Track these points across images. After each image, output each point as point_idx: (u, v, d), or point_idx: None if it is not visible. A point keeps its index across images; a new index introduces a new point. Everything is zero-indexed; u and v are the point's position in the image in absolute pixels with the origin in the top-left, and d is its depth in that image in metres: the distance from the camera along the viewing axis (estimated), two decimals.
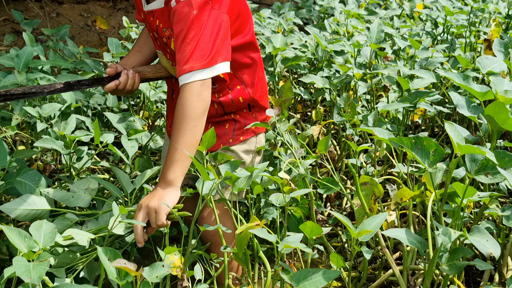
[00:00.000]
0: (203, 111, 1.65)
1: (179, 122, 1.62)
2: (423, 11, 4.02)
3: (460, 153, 1.41)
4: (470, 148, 1.37)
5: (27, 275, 1.19)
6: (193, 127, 1.62)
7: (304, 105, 3.33)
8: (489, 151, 1.35)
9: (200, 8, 1.64)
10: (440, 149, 1.45)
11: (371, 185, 1.77)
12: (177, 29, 1.66)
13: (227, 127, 1.91)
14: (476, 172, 1.45)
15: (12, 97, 1.66)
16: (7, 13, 4.38)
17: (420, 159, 1.46)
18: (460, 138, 1.44)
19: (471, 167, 1.45)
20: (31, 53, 2.34)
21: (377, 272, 1.99)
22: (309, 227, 1.49)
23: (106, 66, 3.20)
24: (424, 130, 2.96)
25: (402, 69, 2.49)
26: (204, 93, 1.65)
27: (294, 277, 1.37)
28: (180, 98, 1.64)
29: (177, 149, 1.61)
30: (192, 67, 1.63)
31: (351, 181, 2.54)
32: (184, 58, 1.64)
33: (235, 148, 1.91)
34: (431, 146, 1.46)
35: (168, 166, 1.61)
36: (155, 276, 1.34)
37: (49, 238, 1.36)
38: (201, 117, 1.64)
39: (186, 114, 1.62)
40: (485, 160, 1.44)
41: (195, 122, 1.63)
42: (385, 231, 1.44)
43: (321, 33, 3.54)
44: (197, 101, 1.63)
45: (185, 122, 1.62)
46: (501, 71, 2.08)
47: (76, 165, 2.07)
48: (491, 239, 1.39)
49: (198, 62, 1.63)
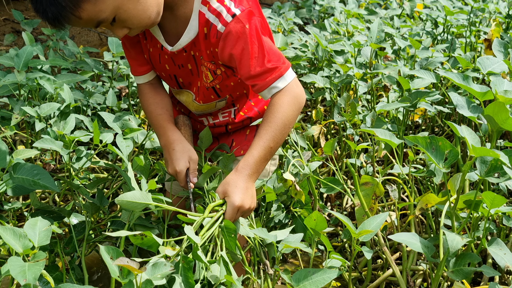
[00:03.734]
0: (299, 113, 1.67)
1: (277, 124, 1.61)
2: (423, 11, 4.01)
3: (475, 155, 1.39)
4: (485, 150, 1.36)
5: (22, 276, 1.17)
6: (288, 130, 1.63)
7: (305, 105, 3.33)
8: (502, 154, 1.35)
9: (249, 20, 1.59)
10: (454, 150, 1.44)
11: (372, 185, 1.77)
12: (237, 50, 1.60)
13: (248, 133, 1.92)
14: (486, 174, 1.44)
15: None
16: (7, 12, 4.38)
17: (435, 160, 1.45)
18: (476, 141, 1.42)
19: (481, 169, 1.45)
20: (30, 52, 2.34)
21: (378, 272, 1.99)
22: (313, 219, 1.47)
23: (106, 66, 3.21)
24: (424, 130, 2.96)
25: (402, 69, 2.49)
26: (300, 90, 1.66)
27: (294, 277, 1.37)
28: (275, 106, 1.62)
29: (271, 149, 1.61)
30: (280, 73, 1.62)
31: (352, 180, 2.54)
32: (263, 71, 1.61)
33: None
34: (446, 147, 1.45)
35: (261, 162, 1.59)
36: (158, 275, 1.34)
37: (45, 236, 1.35)
38: (295, 119, 1.66)
39: (285, 118, 1.61)
40: (494, 161, 1.43)
41: (291, 125, 1.64)
42: (393, 236, 1.44)
43: (321, 33, 3.54)
44: (294, 104, 1.63)
45: (283, 126, 1.61)
46: (501, 71, 2.08)
47: (75, 165, 2.07)
48: (508, 252, 1.38)
49: (280, 66, 1.62)
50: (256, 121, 1.91)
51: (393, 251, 2.10)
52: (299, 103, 1.65)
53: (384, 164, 2.44)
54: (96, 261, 2.18)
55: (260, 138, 1.60)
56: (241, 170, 1.56)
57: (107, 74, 2.85)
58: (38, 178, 1.60)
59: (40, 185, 1.61)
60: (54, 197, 2.48)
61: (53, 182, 1.61)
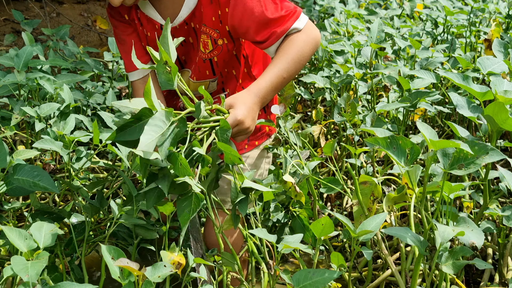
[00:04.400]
0: (313, 52, 1.70)
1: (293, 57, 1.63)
2: (423, 11, 4.01)
3: (435, 149, 1.41)
4: (444, 142, 1.38)
5: (24, 273, 1.19)
6: (301, 66, 1.65)
7: (304, 105, 3.33)
8: (462, 143, 1.36)
9: None
10: (416, 148, 1.45)
11: (370, 185, 1.77)
12: (250, 7, 1.62)
13: None
14: (450, 166, 1.44)
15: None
16: (7, 13, 4.38)
17: (396, 158, 1.46)
18: (432, 134, 1.44)
19: (445, 162, 1.45)
20: (30, 52, 2.34)
21: (378, 272, 1.99)
22: (322, 224, 1.46)
23: (106, 66, 3.21)
24: None
25: (403, 69, 2.49)
26: (316, 30, 1.69)
27: (294, 278, 1.37)
28: (292, 41, 1.64)
29: (284, 79, 1.62)
30: (297, 16, 1.65)
31: (352, 181, 2.54)
32: (280, 16, 1.63)
33: (251, 155, 1.90)
34: (407, 145, 1.46)
35: (272, 89, 1.60)
36: (158, 276, 1.34)
37: (50, 238, 1.35)
38: (310, 57, 1.69)
39: (301, 53, 1.64)
40: (456, 153, 1.43)
41: (305, 62, 1.66)
42: (385, 229, 1.44)
43: (321, 33, 3.54)
44: (311, 43, 1.66)
45: (298, 61, 1.63)
46: (501, 71, 2.07)
47: (75, 165, 2.07)
48: (475, 228, 1.38)
49: (294, 10, 1.65)
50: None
51: (392, 251, 2.10)
52: (316, 42, 1.68)
53: (384, 164, 2.44)
54: (96, 261, 2.18)
55: (274, 66, 1.61)
56: (252, 90, 1.57)
57: (107, 74, 2.85)
58: (38, 180, 1.61)
59: (40, 186, 1.61)
60: (54, 198, 2.48)
61: (53, 183, 1.61)
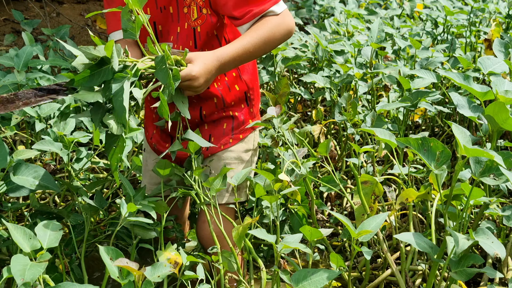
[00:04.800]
0: (284, 40, 1.72)
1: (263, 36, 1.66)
2: (423, 11, 4.01)
3: (467, 155, 1.39)
4: (477, 151, 1.36)
5: (20, 275, 1.18)
6: (268, 48, 1.69)
7: (304, 105, 3.33)
8: (496, 154, 1.34)
9: None
10: (446, 151, 1.44)
11: (371, 184, 1.76)
12: None
13: (225, 126, 1.89)
14: (481, 174, 1.44)
15: None
16: (7, 13, 4.38)
17: (427, 161, 1.45)
18: (467, 140, 1.42)
19: (476, 169, 1.45)
20: (30, 52, 2.34)
21: (378, 272, 1.99)
22: (308, 230, 1.49)
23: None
24: (425, 130, 2.95)
25: (403, 69, 2.49)
26: (292, 19, 1.72)
27: (293, 277, 1.37)
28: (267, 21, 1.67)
29: (249, 53, 1.66)
30: (276, 1, 1.68)
31: (352, 180, 2.54)
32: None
33: (235, 149, 1.90)
34: (437, 148, 1.45)
35: (235, 58, 1.64)
36: (157, 276, 1.34)
37: (54, 238, 1.35)
38: (279, 43, 1.71)
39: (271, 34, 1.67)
40: (489, 161, 1.43)
41: (273, 45, 1.69)
42: (398, 235, 1.43)
43: (321, 33, 3.54)
44: (284, 30, 1.70)
45: (267, 40, 1.67)
46: (502, 71, 2.07)
47: (75, 166, 2.07)
48: (495, 240, 1.38)
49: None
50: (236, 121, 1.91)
51: (392, 251, 2.09)
52: (289, 29, 1.72)
53: (384, 164, 2.44)
54: (95, 261, 2.18)
55: (244, 38, 1.66)
56: (216, 53, 1.61)
57: None
58: (38, 179, 1.61)
59: (40, 186, 1.61)
60: (54, 198, 2.48)
61: (53, 182, 1.61)
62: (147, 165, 2.01)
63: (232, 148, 1.89)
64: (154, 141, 1.95)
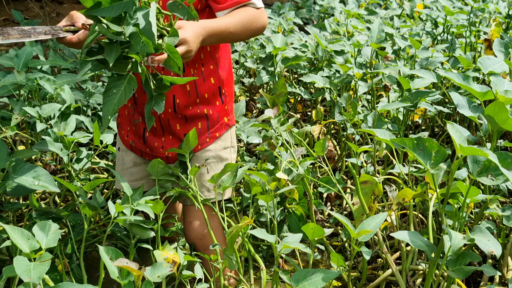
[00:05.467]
0: (254, 35, 1.82)
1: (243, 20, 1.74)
2: (423, 11, 4.02)
3: (463, 154, 1.40)
4: (473, 149, 1.37)
5: (27, 275, 1.19)
6: (244, 34, 1.76)
7: (304, 105, 3.33)
8: (491, 153, 1.34)
9: None
10: (442, 150, 1.44)
11: (371, 184, 1.77)
12: None
13: (200, 126, 1.87)
14: (478, 174, 1.44)
15: None
16: (7, 13, 4.38)
17: (422, 160, 1.45)
18: (462, 139, 1.43)
19: (473, 169, 1.45)
20: (30, 53, 2.34)
21: (378, 272, 1.99)
22: (311, 228, 1.48)
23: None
24: (424, 130, 2.95)
25: (403, 69, 2.49)
26: (266, 18, 1.82)
27: (293, 277, 1.37)
28: (249, 10, 1.75)
29: (230, 33, 1.72)
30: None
31: (352, 181, 2.54)
32: None
33: (213, 147, 1.89)
34: (433, 147, 1.46)
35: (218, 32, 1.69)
36: (157, 276, 1.34)
37: (53, 238, 1.35)
38: (250, 36, 1.81)
39: (250, 23, 1.75)
40: (487, 161, 1.43)
41: (247, 34, 1.77)
42: (395, 234, 1.44)
43: (321, 33, 3.54)
44: (260, 23, 1.78)
45: (246, 26, 1.75)
46: (502, 71, 2.07)
47: (75, 166, 2.07)
48: (492, 238, 1.39)
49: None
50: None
51: (393, 251, 2.10)
52: (264, 24, 1.80)
53: (384, 164, 2.44)
54: (95, 261, 2.18)
55: (225, 18, 1.73)
56: (202, 24, 1.65)
57: (107, 74, 2.85)
58: (38, 179, 1.60)
59: (40, 186, 1.60)
60: (55, 198, 2.48)
61: (53, 182, 1.61)
62: (124, 164, 1.99)
63: (210, 147, 1.89)
64: (131, 139, 1.95)
